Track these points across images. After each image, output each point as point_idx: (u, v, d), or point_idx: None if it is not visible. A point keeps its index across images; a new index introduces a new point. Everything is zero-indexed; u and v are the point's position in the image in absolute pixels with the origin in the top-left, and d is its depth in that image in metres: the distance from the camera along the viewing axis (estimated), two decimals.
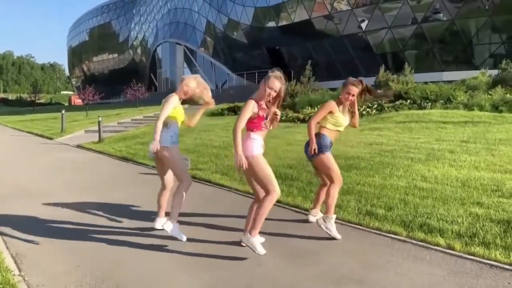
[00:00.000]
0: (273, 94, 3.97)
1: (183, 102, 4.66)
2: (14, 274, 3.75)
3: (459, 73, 20.81)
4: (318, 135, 4.69)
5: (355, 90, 4.64)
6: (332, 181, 4.67)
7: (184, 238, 4.22)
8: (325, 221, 4.59)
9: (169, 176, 4.72)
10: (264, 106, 4.03)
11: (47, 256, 4.25)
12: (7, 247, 4.48)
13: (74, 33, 75.58)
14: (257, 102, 3.98)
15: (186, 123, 4.79)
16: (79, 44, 73.82)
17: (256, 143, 3.98)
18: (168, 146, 4.40)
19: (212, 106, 4.69)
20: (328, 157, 4.66)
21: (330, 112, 4.67)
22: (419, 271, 3.68)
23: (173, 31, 45.56)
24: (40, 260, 4.13)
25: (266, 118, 4.04)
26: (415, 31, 24.84)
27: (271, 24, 32.86)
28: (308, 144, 4.69)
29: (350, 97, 4.64)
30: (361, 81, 4.70)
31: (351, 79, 4.70)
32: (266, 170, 3.95)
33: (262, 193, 4.04)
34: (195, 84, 4.56)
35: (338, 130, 4.79)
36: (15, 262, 4.06)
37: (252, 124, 4.03)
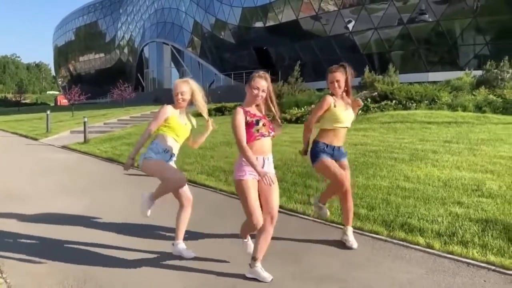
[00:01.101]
0: (262, 94, 3.55)
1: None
2: None
3: (444, 74, 21.08)
4: (313, 142, 4.42)
5: (338, 75, 4.26)
6: (336, 186, 4.36)
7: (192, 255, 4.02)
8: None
9: (183, 192, 4.24)
10: (254, 111, 3.61)
11: (29, 258, 4.23)
12: None
13: (60, 32, 74.82)
14: (244, 109, 3.58)
15: (189, 143, 4.40)
16: (65, 44, 73.10)
17: (247, 165, 3.50)
18: (144, 160, 4.14)
19: (212, 127, 4.34)
20: (323, 162, 4.29)
21: (328, 109, 4.29)
22: (399, 270, 3.76)
23: (160, 31, 45.38)
24: (22, 262, 4.12)
25: (258, 123, 3.54)
26: (401, 32, 25.08)
27: (259, 24, 32.92)
28: (311, 151, 4.40)
29: (336, 85, 4.26)
30: (342, 65, 4.34)
31: (333, 66, 4.35)
32: (249, 200, 3.48)
33: (265, 211, 3.60)
34: (187, 88, 4.21)
35: (341, 127, 4.35)
36: None
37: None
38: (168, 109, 4.18)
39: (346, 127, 4.42)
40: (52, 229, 5.17)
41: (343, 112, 4.30)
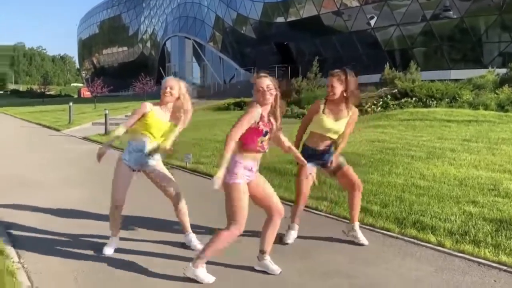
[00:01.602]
0: (268, 95, 3.33)
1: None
2: (13, 262, 3.86)
3: (467, 72, 20.68)
4: (303, 145, 4.39)
5: (334, 81, 4.14)
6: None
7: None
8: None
9: (169, 188, 4.20)
10: (267, 119, 3.43)
11: (46, 245, 4.36)
12: (8, 236, 4.60)
13: (84, 26, 75.94)
14: (261, 112, 3.38)
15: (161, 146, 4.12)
16: (89, 37, 74.19)
17: (240, 168, 3.36)
18: (118, 161, 4.18)
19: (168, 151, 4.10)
20: (301, 171, 4.28)
21: (316, 113, 4.27)
22: (408, 267, 3.75)
23: (182, 25, 45.64)
24: (40, 249, 4.24)
25: (265, 135, 3.38)
26: (424, 28, 24.69)
27: (280, 19, 32.82)
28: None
29: (329, 90, 4.17)
30: (343, 70, 4.19)
31: (334, 70, 4.25)
32: (239, 204, 3.35)
33: (270, 210, 3.58)
34: (177, 84, 4.14)
35: (326, 135, 4.26)
36: (15, 251, 4.18)
37: (246, 138, 3.34)
38: (148, 105, 4.09)
39: (331, 138, 4.29)
40: (68, 218, 5.30)
41: (329, 122, 4.21)
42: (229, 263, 3.82)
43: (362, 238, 4.34)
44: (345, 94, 4.17)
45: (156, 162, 4.21)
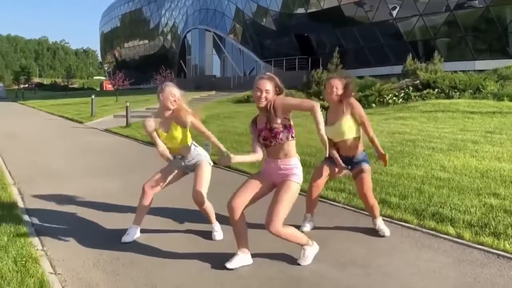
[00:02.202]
0: (262, 96, 3.37)
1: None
2: (37, 249, 3.98)
3: (492, 62, 20.21)
4: None
5: (336, 82, 4.20)
6: None
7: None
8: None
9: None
10: (261, 123, 3.51)
11: (68, 234, 4.47)
12: (32, 224, 4.74)
13: (106, 19, 76.76)
14: (254, 122, 3.62)
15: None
16: (111, 30, 74.96)
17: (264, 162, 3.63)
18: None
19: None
20: (321, 165, 4.46)
21: None
22: (425, 258, 3.72)
23: (203, 18, 45.68)
24: (62, 237, 4.35)
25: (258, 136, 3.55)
26: (448, 18, 24.14)
27: (300, 10, 32.53)
28: None
29: (328, 90, 4.21)
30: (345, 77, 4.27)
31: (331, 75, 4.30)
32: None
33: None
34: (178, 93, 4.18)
35: (335, 140, 4.28)
36: (39, 238, 4.31)
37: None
38: (148, 125, 4.20)
39: (342, 140, 4.27)
40: (91, 207, 5.42)
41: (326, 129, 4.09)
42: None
43: (383, 229, 4.32)
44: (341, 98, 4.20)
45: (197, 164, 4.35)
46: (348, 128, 4.22)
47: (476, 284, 3.26)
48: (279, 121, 3.40)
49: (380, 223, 4.38)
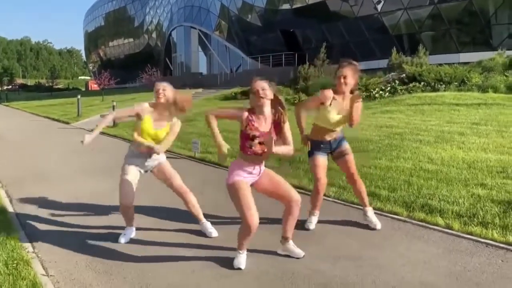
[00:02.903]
0: (264, 93, 3.36)
1: None
2: (28, 252, 3.95)
3: (476, 54, 20.44)
4: (310, 139, 4.36)
5: (347, 71, 4.05)
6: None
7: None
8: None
9: (174, 184, 4.38)
10: (258, 124, 3.42)
11: (59, 235, 4.45)
12: (22, 227, 4.70)
13: (90, 18, 75.89)
14: (250, 115, 3.44)
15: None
16: (95, 29, 74.15)
17: (237, 170, 3.49)
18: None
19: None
20: (313, 162, 4.35)
21: (322, 104, 4.15)
22: (415, 249, 3.78)
23: (188, 15, 45.43)
24: (53, 239, 4.33)
25: (253, 140, 3.39)
26: (432, 12, 24.36)
27: (286, 6, 32.52)
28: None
29: (342, 81, 4.04)
30: (352, 63, 4.11)
31: (343, 61, 4.13)
32: (241, 202, 3.39)
33: (283, 199, 3.61)
34: (170, 86, 4.26)
35: (328, 128, 4.24)
36: (29, 241, 4.27)
37: (241, 143, 3.50)
38: (145, 109, 4.22)
39: (335, 130, 4.28)
40: (81, 209, 5.39)
41: (334, 116, 4.15)
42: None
43: (375, 222, 4.35)
44: (352, 88, 4.12)
45: (159, 161, 4.34)
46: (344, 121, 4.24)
47: (465, 272, 3.32)
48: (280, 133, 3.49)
49: (372, 215, 4.42)
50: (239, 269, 3.49)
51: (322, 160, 4.35)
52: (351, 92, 4.19)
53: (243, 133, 3.44)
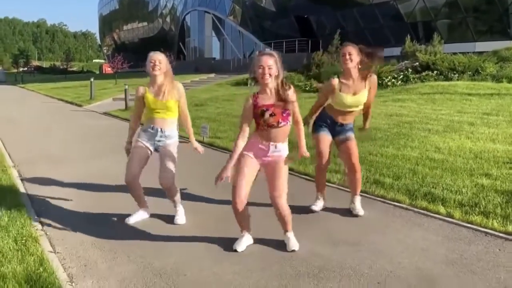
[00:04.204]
0: (268, 72, 3.30)
1: None
2: (37, 229, 4.08)
3: (493, 44, 20.11)
4: (321, 110, 4.46)
5: (350, 48, 4.14)
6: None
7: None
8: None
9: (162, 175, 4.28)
10: (263, 100, 3.40)
11: (68, 214, 4.59)
12: (32, 205, 4.84)
13: (105, 1, 76.03)
14: (254, 97, 3.43)
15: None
16: (109, 13, 74.35)
17: (250, 145, 3.49)
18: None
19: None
20: (317, 137, 4.38)
21: (332, 92, 4.25)
22: (415, 237, 3.82)
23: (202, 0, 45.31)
24: (61, 217, 4.46)
25: (263, 115, 3.36)
26: None
27: None
28: (316, 121, 4.47)
29: (347, 57, 4.12)
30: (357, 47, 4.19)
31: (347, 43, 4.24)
32: (237, 171, 3.46)
33: (269, 191, 3.54)
34: (164, 58, 4.28)
35: (346, 111, 4.29)
36: (39, 219, 4.40)
37: (255, 122, 3.47)
38: (140, 89, 4.25)
39: (353, 111, 4.33)
40: (88, 189, 5.52)
41: (348, 98, 4.21)
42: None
43: (358, 209, 4.38)
44: (359, 66, 4.18)
45: (165, 142, 4.27)
46: (364, 99, 4.29)
47: (462, 260, 3.36)
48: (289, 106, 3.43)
49: (358, 203, 4.43)
50: (235, 251, 3.56)
51: (325, 135, 4.37)
52: (365, 77, 4.23)
53: (255, 114, 3.41)
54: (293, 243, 3.62)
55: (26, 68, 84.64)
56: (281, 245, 3.67)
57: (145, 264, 3.42)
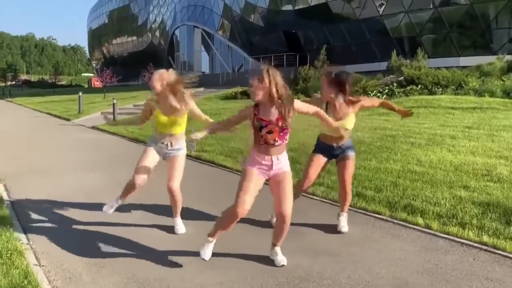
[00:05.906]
0: (258, 88, 3.26)
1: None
2: (22, 243, 4.12)
3: (476, 58, 20.55)
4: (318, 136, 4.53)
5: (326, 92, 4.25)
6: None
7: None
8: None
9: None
10: (264, 114, 3.36)
11: (54, 228, 4.63)
12: (18, 219, 4.87)
13: (94, 15, 76.22)
14: (256, 108, 3.39)
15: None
16: (99, 27, 74.49)
17: (253, 159, 3.51)
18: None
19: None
20: (311, 158, 4.44)
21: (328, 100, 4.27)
22: (393, 247, 3.93)
23: (191, 14, 45.65)
24: (47, 230, 4.51)
25: (261, 130, 3.37)
26: (433, 15, 24.49)
27: (288, 7, 32.73)
28: None
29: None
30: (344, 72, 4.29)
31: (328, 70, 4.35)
32: (242, 185, 3.47)
33: (276, 208, 3.57)
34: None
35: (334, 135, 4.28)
36: (24, 232, 4.44)
37: (253, 137, 3.50)
38: (150, 103, 4.43)
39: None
40: (74, 202, 5.55)
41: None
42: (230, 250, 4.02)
43: (342, 226, 4.41)
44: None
45: (174, 154, 4.42)
46: (351, 123, 4.34)
47: (437, 269, 3.47)
48: (289, 120, 3.38)
49: (344, 220, 4.46)
50: (204, 260, 3.54)
51: (318, 159, 4.40)
52: (352, 102, 4.29)
53: (254, 125, 3.41)
54: (282, 258, 3.65)
55: (14, 82, 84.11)
56: (265, 259, 3.73)
57: (129, 276, 3.48)
